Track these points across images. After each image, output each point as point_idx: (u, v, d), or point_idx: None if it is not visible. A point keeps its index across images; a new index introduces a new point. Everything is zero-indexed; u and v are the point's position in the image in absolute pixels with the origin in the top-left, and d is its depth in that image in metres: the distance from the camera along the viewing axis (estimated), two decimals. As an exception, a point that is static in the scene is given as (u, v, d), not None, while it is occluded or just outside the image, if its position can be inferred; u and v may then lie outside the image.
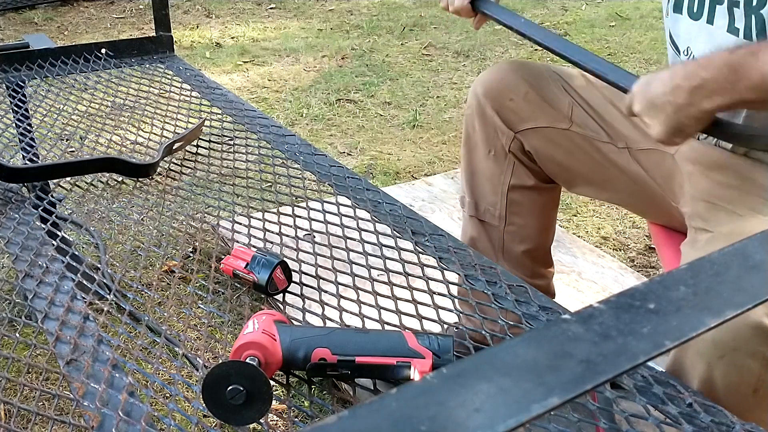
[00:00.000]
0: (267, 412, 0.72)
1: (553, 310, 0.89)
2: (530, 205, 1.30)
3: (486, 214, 1.31)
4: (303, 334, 0.81)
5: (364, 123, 3.05)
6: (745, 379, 0.86)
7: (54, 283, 0.97)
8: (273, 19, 4.72)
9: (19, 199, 1.21)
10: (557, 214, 1.40)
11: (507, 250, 1.32)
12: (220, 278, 0.99)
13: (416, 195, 2.30)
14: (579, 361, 0.35)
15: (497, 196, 1.29)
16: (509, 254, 1.32)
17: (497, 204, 1.30)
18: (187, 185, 1.30)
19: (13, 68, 1.64)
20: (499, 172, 1.28)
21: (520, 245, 1.31)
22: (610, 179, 1.24)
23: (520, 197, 1.29)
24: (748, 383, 0.87)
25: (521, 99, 1.25)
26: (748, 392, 0.87)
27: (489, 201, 1.31)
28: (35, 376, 1.44)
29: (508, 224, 1.30)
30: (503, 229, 1.30)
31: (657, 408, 0.73)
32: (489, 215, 1.31)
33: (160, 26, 1.80)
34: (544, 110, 1.24)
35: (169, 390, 0.80)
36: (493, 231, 1.31)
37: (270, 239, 1.10)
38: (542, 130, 1.25)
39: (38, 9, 4.76)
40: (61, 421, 0.77)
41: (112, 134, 1.47)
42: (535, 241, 1.33)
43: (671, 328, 0.37)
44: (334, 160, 1.30)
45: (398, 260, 1.00)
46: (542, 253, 1.36)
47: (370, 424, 0.31)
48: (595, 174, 1.25)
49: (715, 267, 0.42)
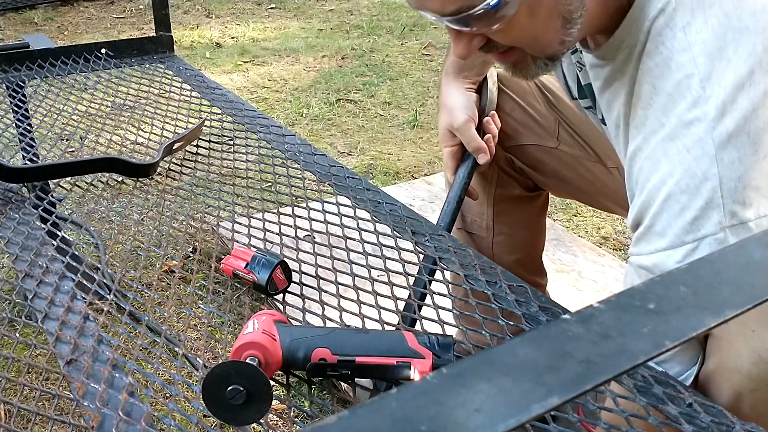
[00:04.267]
0: (267, 412, 0.72)
1: (553, 310, 0.89)
2: (517, 214, 1.29)
3: (473, 225, 1.29)
4: (303, 334, 0.81)
5: (364, 123, 3.05)
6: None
7: (54, 283, 0.97)
8: (273, 19, 4.72)
9: (19, 199, 1.21)
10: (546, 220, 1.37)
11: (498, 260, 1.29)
12: (220, 278, 0.99)
13: (416, 195, 2.30)
14: (579, 361, 0.35)
15: (483, 207, 1.27)
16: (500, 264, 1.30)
17: (484, 215, 1.28)
18: (187, 185, 1.30)
19: (13, 68, 1.64)
20: (485, 182, 1.26)
21: (510, 255, 1.29)
22: (601, 192, 1.23)
23: (507, 207, 1.27)
24: None
25: (508, 116, 1.22)
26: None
27: (475, 212, 1.28)
28: (35, 376, 1.45)
29: (497, 234, 1.28)
30: (492, 240, 1.29)
31: (657, 408, 0.73)
32: (476, 226, 1.29)
33: (160, 26, 1.80)
34: (531, 128, 1.22)
35: (169, 390, 0.80)
36: (482, 242, 1.29)
37: (270, 239, 1.10)
38: (530, 147, 1.23)
39: (38, 9, 4.76)
40: (61, 421, 0.77)
41: (112, 134, 1.47)
42: (525, 250, 1.32)
43: (671, 328, 0.37)
44: (334, 160, 1.30)
45: (398, 260, 1.00)
46: (534, 261, 1.35)
47: (370, 424, 0.31)
48: (587, 188, 1.24)
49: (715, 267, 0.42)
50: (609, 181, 1.20)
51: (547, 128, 1.22)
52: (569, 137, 1.21)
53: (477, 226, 1.29)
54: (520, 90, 1.23)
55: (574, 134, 1.21)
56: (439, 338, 0.81)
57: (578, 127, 1.21)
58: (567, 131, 1.22)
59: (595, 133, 1.19)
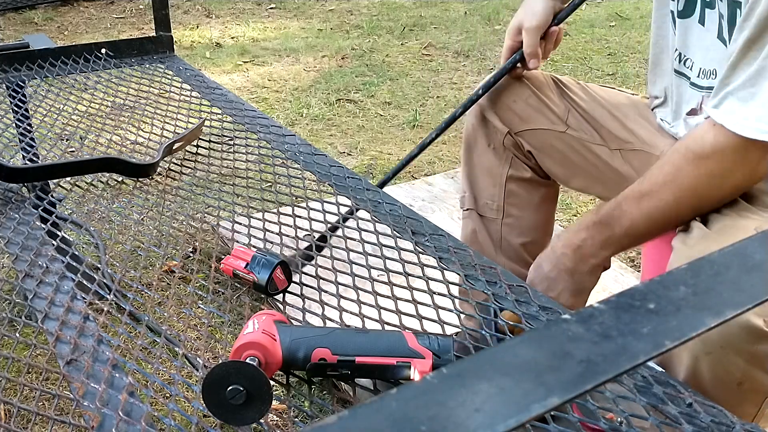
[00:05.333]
0: (267, 412, 0.72)
1: (553, 310, 0.89)
2: (527, 197, 1.35)
3: (485, 207, 1.36)
4: (303, 334, 0.81)
5: (364, 123, 3.05)
6: (730, 374, 0.88)
7: (54, 283, 0.97)
8: (273, 19, 4.72)
9: (19, 199, 1.21)
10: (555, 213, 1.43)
11: (505, 242, 1.35)
12: (220, 278, 0.99)
13: (416, 195, 2.30)
14: (579, 361, 0.35)
15: (496, 188, 1.34)
16: (507, 247, 1.36)
17: (495, 196, 1.34)
18: (187, 185, 1.30)
19: (13, 68, 1.64)
20: (498, 163, 1.33)
21: (518, 238, 1.35)
22: (602, 177, 1.28)
23: (518, 188, 1.34)
24: (733, 378, 0.88)
25: (524, 102, 1.31)
26: (732, 386, 0.89)
27: (488, 194, 1.35)
28: (35, 376, 1.45)
29: (506, 216, 1.34)
30: (501, 221, 1.35)
31: (657, 408, 0.73)
32: (488, 209, 1.35)
33: (160, 26, 1.80)
34: (544, 113, 1.30)
35: (169, 390, 0.80)
36: (492, 224, 1.35)
37: (270, 239, 1.10)
38: (540, 131, 1.30)
39: (38, 9, 4.76)
40: (61, 421, 0.77)
41: (112, 134, 1.47)
42: (532, 235, 1.36)
43: (671, 328, 0.37)
44: (334, 160, 1.30)
45: (398, 260, 1.00)
46: (540, 249, 1.37)
47: (370, 424, 0.31)
48: (589, 172, 1.29)
49: (715, 267, 0.42)
50: (611, 162, 1.26)
51: (558, 114, 1.29)
52: (577, 122, 1.29)
53: (488, 208, 1.35)
54: (537, 82, 1.32)
55: (583, 119, 1.29)
56: (439, 338, 0.81)
57: (588, 111, 1.29)
58: (576, 117, 1.29)
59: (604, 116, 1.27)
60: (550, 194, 1.39)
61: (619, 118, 1.26)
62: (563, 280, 1.06)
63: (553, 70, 3.59)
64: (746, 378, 0.87)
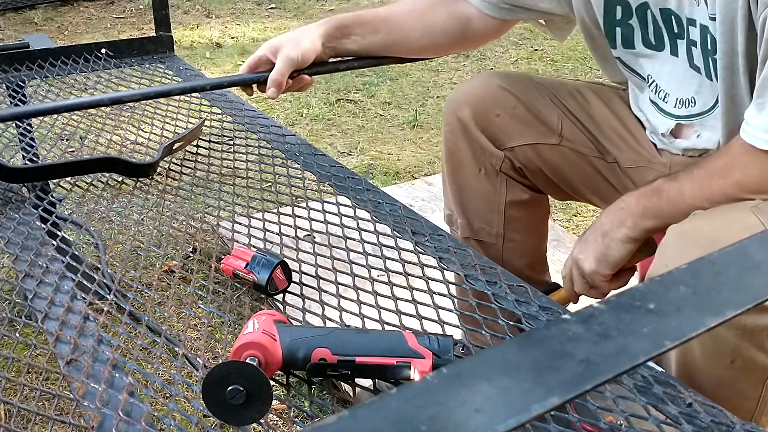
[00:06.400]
0: (267, 412, 0.72)
1: (553, 310, 0.89)
2: (528, 218, 1.27)
3: (481, 232, 1.27)
4: (303, 334, 0.81)
5: (364, 123, 3.05)
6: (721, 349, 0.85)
7: (54, 283, 0.97)
8: (273, 19, 4.72)
9: (19, 199, 1.21)
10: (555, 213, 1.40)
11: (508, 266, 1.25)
12: (220, 278, 0.99)
13: (416, 195, 2.30)
14: (579, 361, 0.35)
15: (493, 215, 1.25)
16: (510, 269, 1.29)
17: (494, 222, 1.25)
18: (187, 185, 1.30)
19: (13, 68, 1.64)
20: (493, 190, 1.24)
21: (520, 260, 1.28)
22: (599, 191, 1.22)
23: (518, 213, 1.25)
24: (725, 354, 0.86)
25: (508, 114, 1.20)
26: (725, 363, 0.86)
27: (484, 219, 1.26)
28: (35, 376, 1.44)
29: (507, 241, 1.26)
30: (502, 246, 1.27)
31: (657, 408, 0.73)
32: (485, 234, 1.27)
33: (160, 26, 1.80)
34: (533, 125, 1.20)
35: (169, 390, 0.80)
36: (491, 248, 1.27)
37: (270, 239, 1.10)
38: (531, 146, 1.21)
39: (38, 9, 4.76)
40: (61, 421, 0.77)
41: (112, 134, 1.47)
42: (535, 254, 1.31)
43: (671, 328, 0.37)
44: (334, 160, 1.30)
45: (398, 260, 1.00)
46: (541, 262, 1.35)
47: (370, 424, 0.31)
48: (585, 186, 1.23)
49: (715, 267, 0.42)
50: (609, 176, 1.19)
51: (549, 125, 1.20)
52: (572, 130, 1.20)
53: (485, 233, 1.26)
54: (521, 87, 1.21)
55: (578, 126, 1.20)
56: (439, 338, 0.81)
57: (581, 119, 1.20)
58: (570, 124, 1.20)
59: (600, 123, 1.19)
60: (546, 206, 1.32)
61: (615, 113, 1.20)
62: (594, 242, 1.00)
63: (553, 70, 3.59)
64: (738, 354, 0.85)
